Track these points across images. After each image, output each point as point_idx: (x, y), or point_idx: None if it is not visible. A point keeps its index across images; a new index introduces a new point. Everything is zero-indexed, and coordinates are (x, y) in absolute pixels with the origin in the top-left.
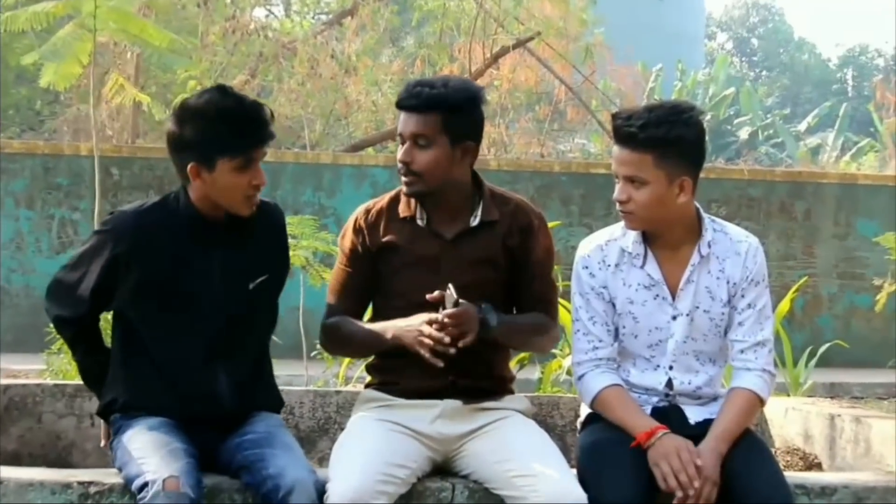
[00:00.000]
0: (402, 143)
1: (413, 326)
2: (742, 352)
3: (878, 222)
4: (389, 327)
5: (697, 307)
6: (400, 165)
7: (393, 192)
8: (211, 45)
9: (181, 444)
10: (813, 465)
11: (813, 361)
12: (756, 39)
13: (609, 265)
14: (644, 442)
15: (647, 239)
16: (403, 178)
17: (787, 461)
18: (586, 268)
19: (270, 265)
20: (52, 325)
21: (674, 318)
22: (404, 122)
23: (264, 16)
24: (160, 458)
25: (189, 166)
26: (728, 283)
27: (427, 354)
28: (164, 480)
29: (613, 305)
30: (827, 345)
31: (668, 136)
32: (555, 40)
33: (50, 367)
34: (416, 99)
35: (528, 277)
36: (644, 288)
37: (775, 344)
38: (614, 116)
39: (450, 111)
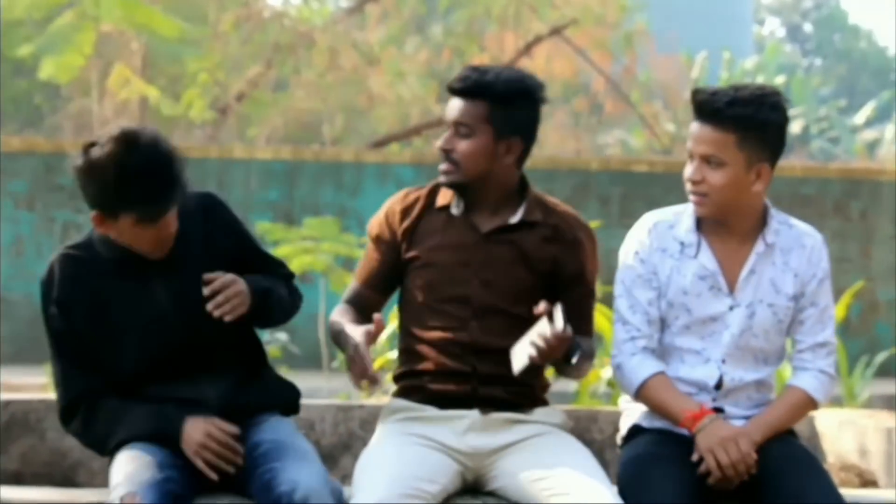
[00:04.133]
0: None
1: (352, 338)
2: (801, 351)
3: None
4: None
5: (761, 300)
6: (440, 153)
7: (433, 182)
8: (223, 35)
9: (161, 458)
10: (869, 482)
11: (870, 371)
12: (809, 24)
13: (662, 251)
14: (692, 426)
15: (702, 228)
16: (441, 167)
17: (842, 478)
18: (637, 253)
19: (219, 263)
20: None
21: (731, 308)
22: (449, 108)
23: (280, 2)
24: (125, 476)
25: (92, 214)
26: (794, 276)
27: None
28: (121, 497)
29: (661, 295)
30: (885, 353)
31: (755, 117)
32: (592, 28)
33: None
34: (463, 83)
35: (576, 294)
36: (699, 279)
37: None
38: (697, 92)
39: (498, 101)
